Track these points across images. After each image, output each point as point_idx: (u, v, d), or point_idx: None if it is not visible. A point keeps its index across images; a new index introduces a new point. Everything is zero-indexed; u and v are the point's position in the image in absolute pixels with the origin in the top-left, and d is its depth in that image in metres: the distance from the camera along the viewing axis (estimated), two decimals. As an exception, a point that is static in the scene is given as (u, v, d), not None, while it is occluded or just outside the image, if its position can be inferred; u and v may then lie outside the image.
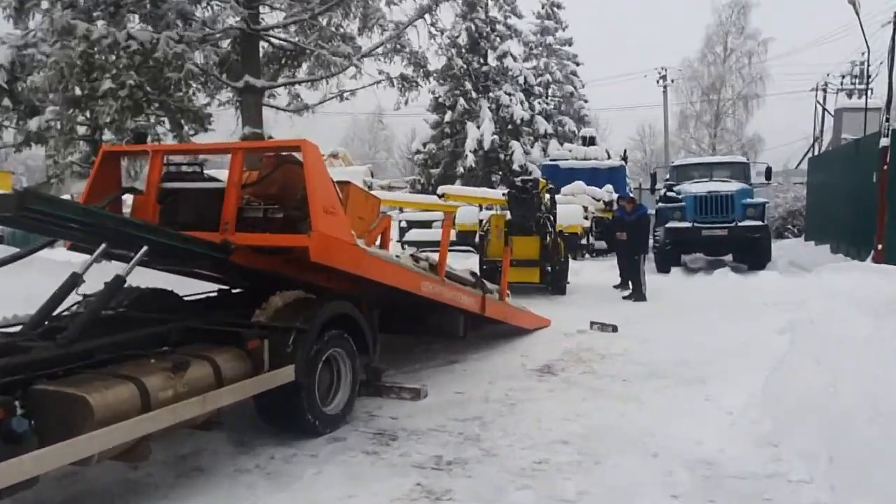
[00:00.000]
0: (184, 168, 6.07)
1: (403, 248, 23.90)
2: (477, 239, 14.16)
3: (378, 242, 6.72)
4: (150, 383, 3.94)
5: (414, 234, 23.78)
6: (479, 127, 28.07)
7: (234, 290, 6.78)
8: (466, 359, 8.05)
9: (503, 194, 12.62)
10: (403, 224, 24.57)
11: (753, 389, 6.31)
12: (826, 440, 4.40)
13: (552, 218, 13.14)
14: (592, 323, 9.81)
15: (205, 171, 6.08)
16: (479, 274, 9.09)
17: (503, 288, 8.65)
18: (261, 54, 13.50)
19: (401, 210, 26.38)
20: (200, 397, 4.16)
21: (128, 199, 6.25)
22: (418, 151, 31.39)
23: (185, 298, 6.28)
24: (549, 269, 12.80)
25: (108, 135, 15.06)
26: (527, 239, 12.54)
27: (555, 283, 12.98)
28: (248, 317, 5.32)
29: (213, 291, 6.61)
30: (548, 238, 12.66)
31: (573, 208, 20.43)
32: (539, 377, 7.19)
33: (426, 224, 24.38)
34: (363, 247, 5.63)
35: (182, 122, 14.34)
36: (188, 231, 5.15)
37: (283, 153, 5.69)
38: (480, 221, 16.92)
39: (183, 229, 5.24)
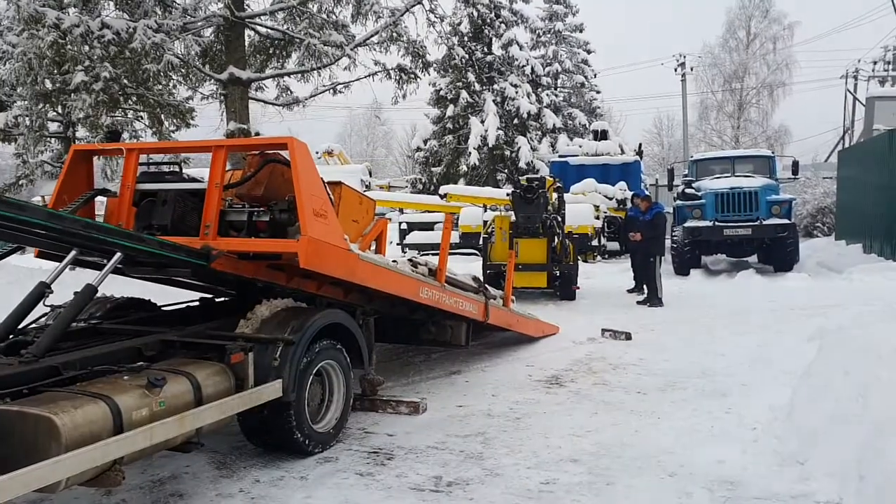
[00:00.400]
0: (162, 168, 6.05)
1: (404, 252, 24.02)
2: (481, 242, 14.03)
3: (373, 247, 6.70)
4: (123, 402, 3.90)
5: (415, 237, 23.80)
6: (482, 122, 27.99)
7: (218, 300, 6.77)
8: (469, 369, 8.03)
9: (507, 194, 12.56)
10: (404, 226, 24.62)
11: (779, 402, 6.27)
12: (857, 458, 4.35)
13: (560, 218, 13.12)
14: (604, 330, 9.78)
15: (185, 171, 6.06)
16: (482, 279, 9.07)
17: (507, 293, 8.63)
18: (246, 44, 13.45)
19: (401, 211, 26.46)
20: (178, 417, 4.13)
21: (103, 201, 6.23)
22: (418, 149, 31.29)
23: (165, 308, 6.26)
24: (557, 273, 12.76)
25: (81, 131, 15.09)
26: (533, 241, 12.51)
27: (563, 288, 12.98)
28: (232, 328, 5.30)
29: (195, 301, 6.58)
30: (556, 240, 12.61)
31: (583, 208, 20.43)
32: (546, 389, 7.16)
33: (428, 226, 24.41)
34: (357, 252, 5.60)
35: (162, 117, 14.34)
36: (166, 236, 5.13)
37: (269, 151, 5.66)
38: (485, 223, 16.88)
39: (161, 234, 5.22)
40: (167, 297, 6.41)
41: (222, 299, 6.75)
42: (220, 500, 4.58)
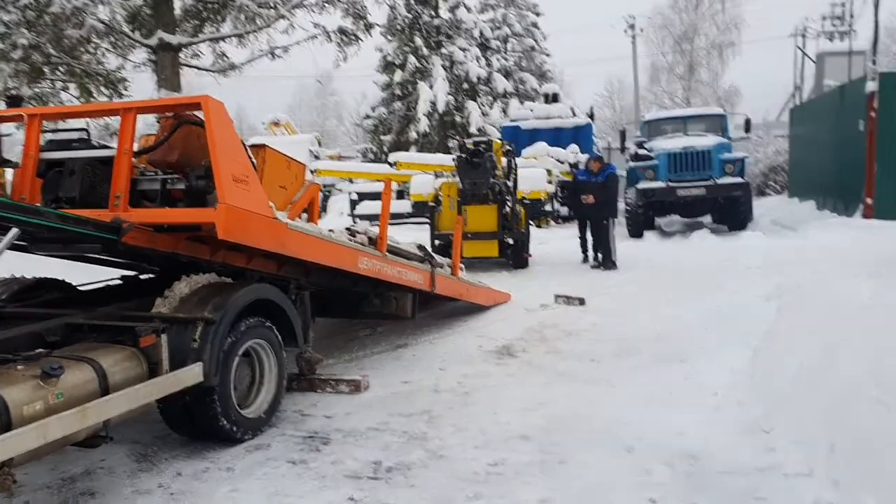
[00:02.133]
0: (70, 135, 5.52)
1: (355, 222, 23.44)
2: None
3: (306, 216, 6.25)
4: (12, 396, 3.45)
5: (365, 207, 23.26)
6: (431, 87, 27.35)
7: (143, 276, 6.28)
8: (416, 342, 7.66)
9: (452, 159, 12.01)
10: (354, 196, 24.04)
11: (739, 366, 6.04)
12: (825, 424, 4.08)
13: (510, 184, 12.59)
14: (557, 296, 9.47)
15: (93, 138, 5.54)
16: (430, 248, 8.67)
17: (455, 262, 8.24)
18: (177, 8, 12.76)
19: (350, 181, 25.87)
20: (79, 409, 3.68)
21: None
22: (367, 116, 30.55)
23: (82, 288, 5.77)
24: (510, 241, 12.35)
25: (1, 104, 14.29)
26: (482, 208, 12.01)
27: (515, 257, 12.54)
28: (150, 308, 4.84)
29: (117, 279, 6.09)
30: (506, 207, 12.14)
31: (536, 172, 20.07)
32: (497, 360, 6.82)
33: (379, 196, 23.84)
34: (285, 221, 5.16)
35: (91, 87, 13.62)
36: (76, 209, 4.64)
37: (184, 112, 5.16)
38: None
39: (70, 206, 4.74)
40: (93, 275, 5.90)
41: (147, 276, 6.27)
42: (136, 498, 4.16)
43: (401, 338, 7.85)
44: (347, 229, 6.40)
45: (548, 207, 20.31)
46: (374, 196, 23.85)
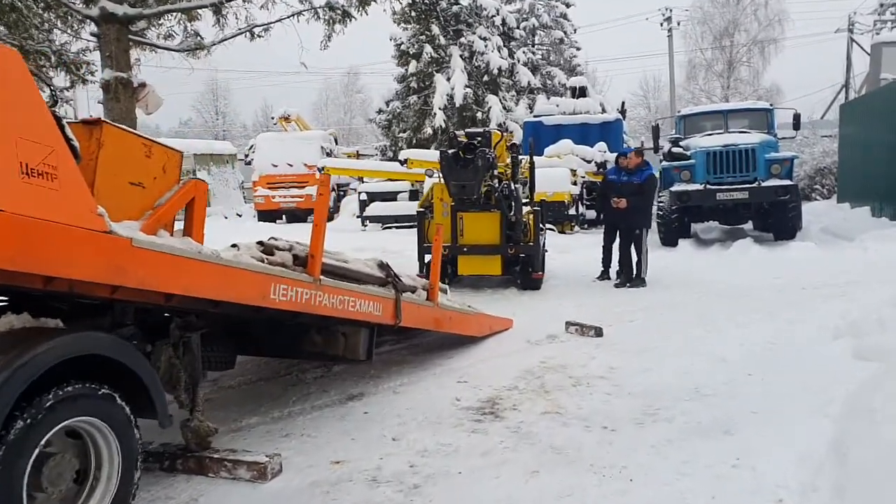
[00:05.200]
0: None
1: (365, 226, 21.77)
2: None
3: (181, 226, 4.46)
4: None
5: (376, 209, 21.57)
6: (448, 79, 25.47)
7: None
8: (376, 391, 5.88)
9: (440, 156, 9.77)
10: (364, 197, 22.35)
11: (813, 448, 4.19)
12: None
13: (517, 186, 10.37)
14: (569, 324, 7.67)
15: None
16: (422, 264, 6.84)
17: (433, 283, 6.42)
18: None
19: (361, 180, 24.23)
20: None
21: None
22: (380, 111, 28.74)
23: None
24: (517, 255, 10.25)
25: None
26: (482, 216, 9.95)
27: (523, 275, 10.40)
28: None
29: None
30: (512, 214, 10.02)
31: (559, 172, 18.34)
32: (474, 424, 5.00)
33: (391, 196, 22.20)
34: (128, 234, 3.40)
35: (46, 69, 12.03)
36: None
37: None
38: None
39: None
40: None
41: None
42: None
43: (358, 383, 6.08)
44: (260, 243, 4.62)
45: (572, 211, 18.43)
46: (387, 196, 22.20)
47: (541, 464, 4.27)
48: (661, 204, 15.88)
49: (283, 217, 25.98)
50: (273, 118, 31.65)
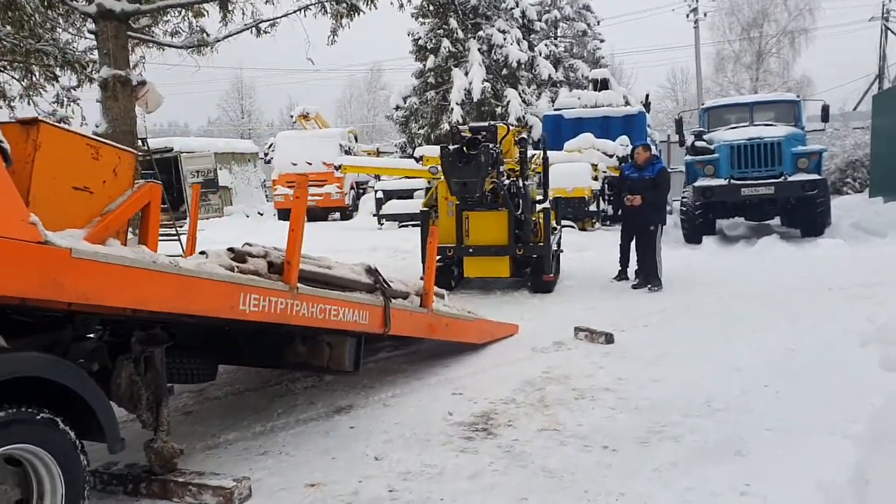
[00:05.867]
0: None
1: (381, 224, 21.49)
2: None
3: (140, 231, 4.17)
4: None
5: (392, 207, 21.27)
6: (466, 73, 25.04)
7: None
8: (365, 403, 5.57)
9: (440, 151, 9.26)
10: (380, 195, 22.07)
11: (833, 471, 3.81)
12: None
13: (524, 182, 9.80)
14: (578, 329, 7.31)
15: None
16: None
17: (428, 287, 6.08)
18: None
19: (377, 178, 23.94)
20: None
21: None
22: (397, 107, 28.38)
23: None
24: (526, 256, 9.79)
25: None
26: (488, 215, 9.54)
27: (534, 278, 9.96)
28: None
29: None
30: (521, 213, 9.55)
31: (579, 167, 17.89)
32: (464, 443, 4.67)
33: (407, 194, 21.88)
34: (67, 244, 3.12)
35: (56, 70, 11.87)
36: None
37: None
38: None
39: None
40: None
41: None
42: None
43: (348, 394, 5.77)
44: (231, 250, 4.32)
45: (592, 207, 17.97)
46: (403, 194, 21.89)
47: (531, 489, 3.93)
48: (684, 199, 15.43)
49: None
50: (292, 116, 31.47)
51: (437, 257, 9.80)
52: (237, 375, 6.38)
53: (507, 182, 9.37)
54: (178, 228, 12.50)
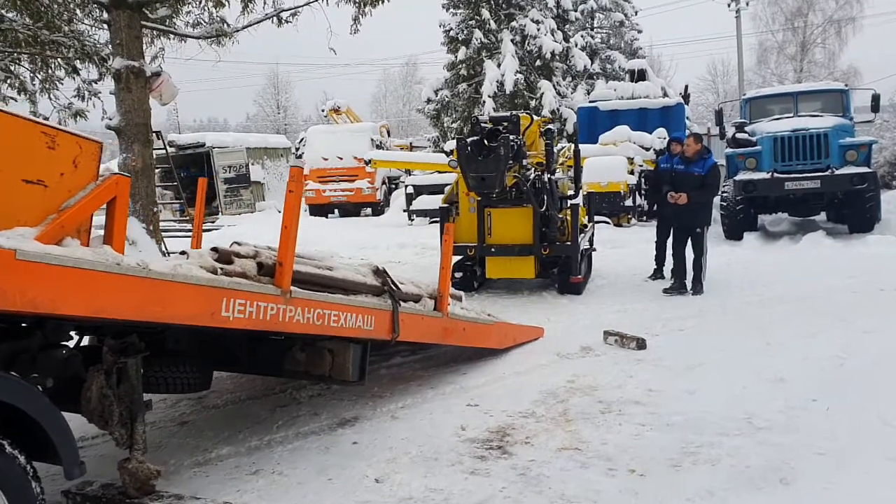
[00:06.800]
0: None
1: (411, 220, 21.10)
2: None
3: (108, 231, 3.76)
4: None
5: (423, 202, 20.88)
6: (499, 65, 24.50)
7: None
8: (372, 415, 5.16)
9: (457, 143, 8.71)
10: (410, 190, 21.69)
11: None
12: None
13: (550, 177, 9.13)
14: (608, 334, 6.84)
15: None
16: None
17: (443, 290, 5.65)
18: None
19: (408, 173, 23.55)
20: None
21: None
22: (428, 100, 27.92)
23: None
24: (553, 256, 9.21)
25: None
26: (512, 212, 8.98)
27: (561, 279, 9.39)
28: None
29: None
30: (546, 209, 8.92)
31: (614, 160, 17.31)
32: (475, 463, 4.24)
33: (438, 189, 21.46)
34: (12, 245, 2.74)
35: (77, 63, 11.60)
36: None
37: None
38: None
39: None
40: None
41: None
42: None
43: (355, 405, 5.37)
44: (214, 250, 3.94)
45: (629, 202, 17.39)
46: (434, 189, 21.48)
47: (545, 522, 3.50)
48: (724, 194, 14.78)
49: (336, 211, 25.50)
50: (323, 110, 31.18)
51: (459, 257, 9.46)
52: (241, 382, 6.03)
53: (531, 176, 8.82)
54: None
